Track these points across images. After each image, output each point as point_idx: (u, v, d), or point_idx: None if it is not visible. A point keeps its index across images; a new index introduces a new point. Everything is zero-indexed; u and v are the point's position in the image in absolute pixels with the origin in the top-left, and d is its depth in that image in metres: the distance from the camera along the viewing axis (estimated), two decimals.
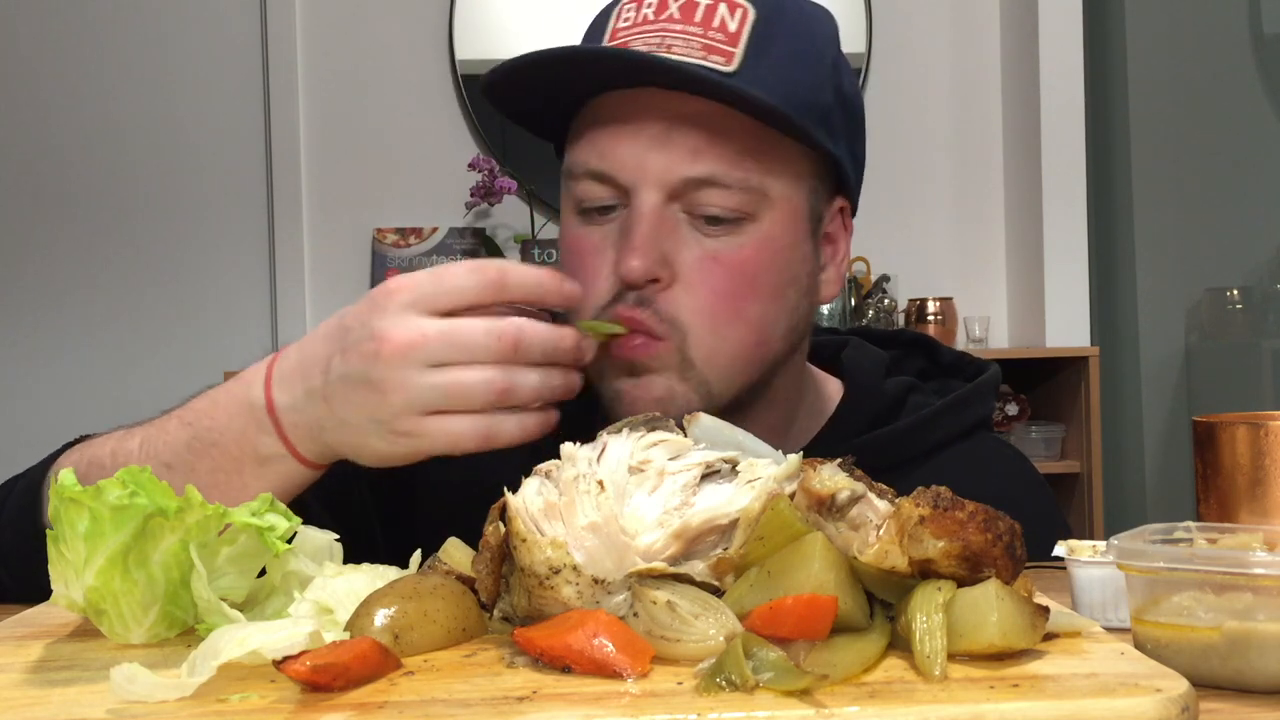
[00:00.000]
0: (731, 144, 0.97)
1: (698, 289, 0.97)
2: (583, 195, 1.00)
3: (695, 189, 0.97)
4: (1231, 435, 0.87)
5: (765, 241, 0.99)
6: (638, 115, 0.97)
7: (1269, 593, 0.67)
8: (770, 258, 1.00)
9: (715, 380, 0.99)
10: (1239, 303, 3.22)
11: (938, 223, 3.43)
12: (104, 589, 0.75)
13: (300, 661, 0.62)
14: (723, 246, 0.98)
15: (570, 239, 1.02)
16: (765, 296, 1.00)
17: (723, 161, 0.97)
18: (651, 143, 0.96)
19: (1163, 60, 3.30)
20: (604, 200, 0.99)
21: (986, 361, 1.21)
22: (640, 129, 0.97)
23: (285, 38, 3.33)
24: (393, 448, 0.87)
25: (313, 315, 3.35)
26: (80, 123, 3.35)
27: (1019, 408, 3.13)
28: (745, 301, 0.99)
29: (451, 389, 0.84)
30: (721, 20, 0.98)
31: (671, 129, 0.96)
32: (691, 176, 0.96)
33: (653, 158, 0.96)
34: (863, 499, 0.70)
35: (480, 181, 3.13)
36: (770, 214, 0.99)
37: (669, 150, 0.96)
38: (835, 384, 1.17)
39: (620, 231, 0.98)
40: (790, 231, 1.01)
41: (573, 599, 0.70)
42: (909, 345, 1.25)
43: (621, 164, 0.97)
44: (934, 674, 0.62)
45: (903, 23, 3.41)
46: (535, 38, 3.33)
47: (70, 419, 3.31)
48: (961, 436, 1.14)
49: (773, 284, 1.01)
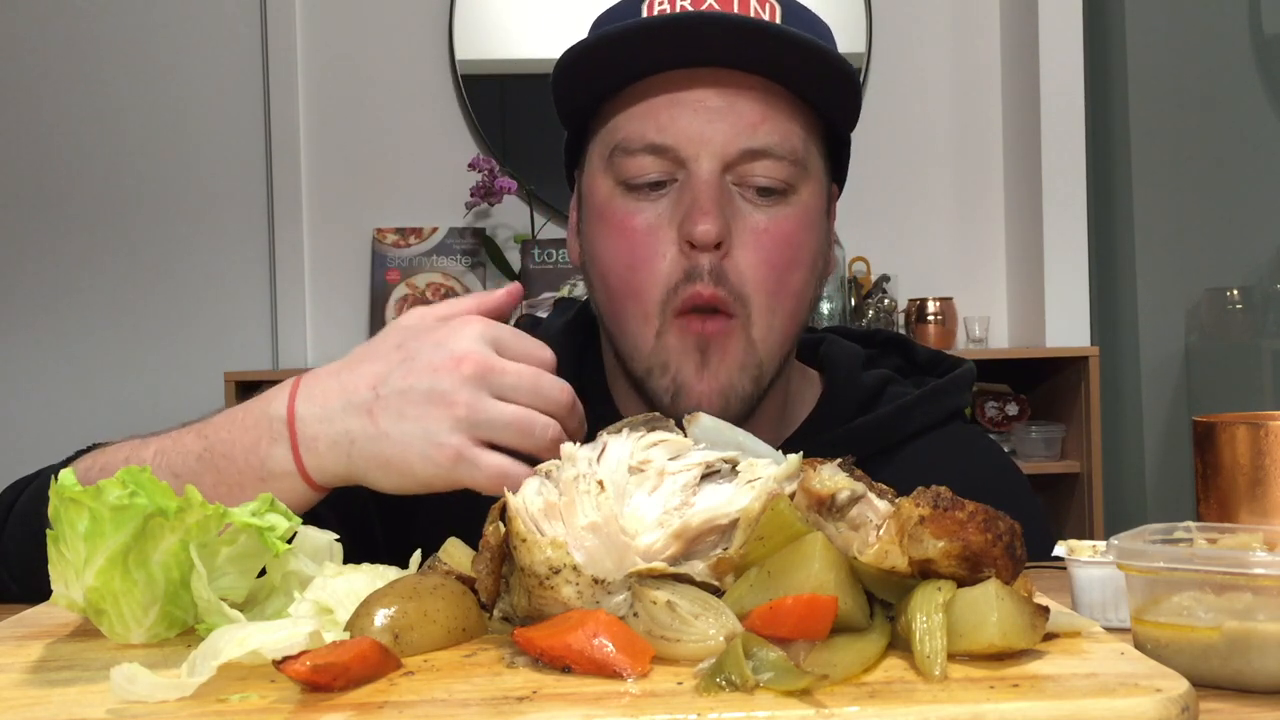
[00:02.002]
0: (783, 117, 1.03)
1: (753, 260, 1.02)
2: (635, 170, 1.03)
3: (750, 160, 1.02)
4: (1231, 435, 0.87)
5: (805, 212, 1.05)
6: (696, 88, 1.02)
7: (1269, 593, 0.67)
8: (809, 228, 1.06)
9: (766, 358, 1.04)
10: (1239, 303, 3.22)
11: (938, 223, 3.43)
12: (104, 589, 0.75)
13: (300, 661, 0.62)
14: (771, 218, 1.03)
15: (621, 216, 1.04)
16: (805, 266, 1.06)
17: (777, 132, 1.02)
18: (711, 114, 1.01)
19: (1163, 60, 3.30)
20: (655, 175, 1.03)
21: (961, 359, 1.25)
22: (699, 101, 1.02)
23: (285, 38, 3.33)
24: (432, 468, 0.86)
25: (313, 315, 3.35)
26: (80, 123, 3.34)
27: (1019, 408, 3.13)
28: (792, 272, 1.04)
29: (519, 422, 0.86)
30: (755, 11, 1.04)
31: (731, 101, 1.01)
32: (749, 147, 1.01)
33: (713, 129, 1.01)
34: (863, 499, 0.70)
35: (480, 181, 3.13)
36: (807, 186, 1.05)
37: (729, 122, 1.01)
38: (814, 376, 1.22)
39: (679, 204, 1.02)
40: (820, 204, 1.08)
41: (573, 599, 0.70)
42: (885, 344, 1.29)
43: (683, 136, 1.01)
44: (934, 674, 0.62)
45: (903, 23, 3.41)
46: (535, 37, 3.33)
47: (70, 419, 3.31)
48: (938, 425, 1.17)
49: (810, 255, 1.07)
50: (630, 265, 1.03)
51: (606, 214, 1.05)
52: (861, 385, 1.18)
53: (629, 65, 1.03)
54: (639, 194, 1.03)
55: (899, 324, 3.26)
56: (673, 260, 1.01)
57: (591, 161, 1.08)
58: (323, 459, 0.89)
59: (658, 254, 1.02)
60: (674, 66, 1.02)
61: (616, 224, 1.04)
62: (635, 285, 1.03)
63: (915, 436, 1.16)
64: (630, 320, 1.04)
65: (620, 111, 1.05)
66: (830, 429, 1.14)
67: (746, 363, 1.03)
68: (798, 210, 1.04)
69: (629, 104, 1.04)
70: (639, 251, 1.02)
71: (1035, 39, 3.17)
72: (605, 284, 1.06)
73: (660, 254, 1.02)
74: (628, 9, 1.07)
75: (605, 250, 1.05)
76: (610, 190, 1.05)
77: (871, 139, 3.36)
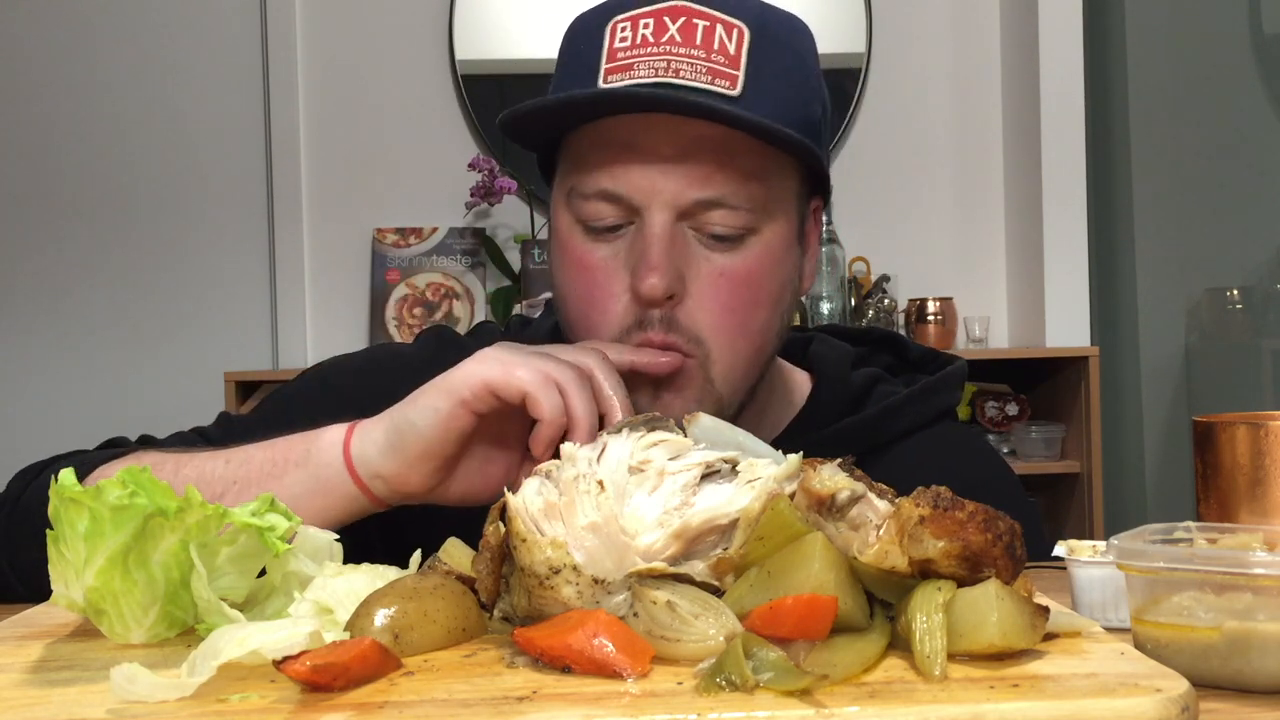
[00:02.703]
0: (738, 167, 1.00)
1: (710, 305, 1.01)
2: (591, 214, 1.02)
3: (704, 210, 1.00)
4: (1231, 435, 0.87)
5: (766, 253, 1.03)
6: (649, 139, 1.00)
7: (1269, 593, 0.67)
8: (771, 267, 1.04)
9: (728, 393, 1.04)
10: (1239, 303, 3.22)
11: (938, 223, 3.43)
12: (104, 589, 0.75)
13: (300, 661, 0.62)
14: (729, 261, 1.02)
15: (578, 254, 1.04)
16: (767, 304, 1.05)
17: (730, 184, 1.00)
18: (665, 166, 1.00)
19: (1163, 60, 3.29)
20: (612, 219, 1.02)
21: (953, 356, 1.25)
22: (653, 153, 1.00)
23: (285, 38, 3.33)
24: (478, 380, 0.90)
25: (313, 315, 3.36)
26: (80, 123, 3.34)
27: (1019, 408, 3.13)
28: (752, 312, 1.03)
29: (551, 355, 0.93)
30: (721, 42, 1.01)
31: (683, 154, 1.00)
32: (702, 199, 1.00)
33: (665, 181, 1.00)
34: (863, 499, 0.70)
35: (480, 181, 3.13)
36: (769, 226, 1.03)
37: (681, 174, 1.00)
38: (803, 376, 1.21)
39: (633, 250, 1.01)
40: (785, 240, 1.06)
41: (573, 599, 0.70)
42: (878, 342, 1.29)
43: (635, 187, 1.00)
44: (934, 674, 0.62)
45: (903, 23, 3.41)
46: (535, 37, 3.33)
47: (70, 419, 3.31)
48: (927, 424, 1.17)
49: (773, 291, 1.05)
50: (586, 301, 1.04)
51: (567, 247, 1.05)
52: (850, 385, 1.18)
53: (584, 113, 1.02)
54: (596, 235, 1.03)
55: (899, 324, 3.26)
56: (626, 305, 1.01)
57: (556, 190, 1.09)
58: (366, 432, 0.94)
59: (612, 295, 1.02)
60: (629, 111, 1.01)
61: (575, 260, 1.04)
62: (590, 321, 1.03)
63: (904, 436, 1.16)
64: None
65: (578, 150, 1.04)
66: (818, 429, 1.14)
67: (704, 397, 1.02)
68: (758, 251, 1.03)
69: (587, 146, 1.03)
70: (594, 291, 1.03)
71: (1035, 39, 3.17)
72: (564, 311, 1.08)
73: (614, 295, 1.02)
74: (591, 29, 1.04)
75: (563, 282, 1.06)
76: (570, 225, 1.05)
77: (871, 139, 3.36)
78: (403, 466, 0.92)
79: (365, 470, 0.93)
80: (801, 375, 1.21)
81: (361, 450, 0.94)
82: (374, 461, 0.93)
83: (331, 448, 0.95)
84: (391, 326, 3.26)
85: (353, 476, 0.93)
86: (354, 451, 0.94)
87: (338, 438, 0.95)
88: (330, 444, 0.95)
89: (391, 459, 0.92)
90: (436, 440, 0.91)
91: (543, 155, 1.11)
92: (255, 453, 0.98)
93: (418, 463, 0.92)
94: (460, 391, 0.90)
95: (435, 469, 0.93)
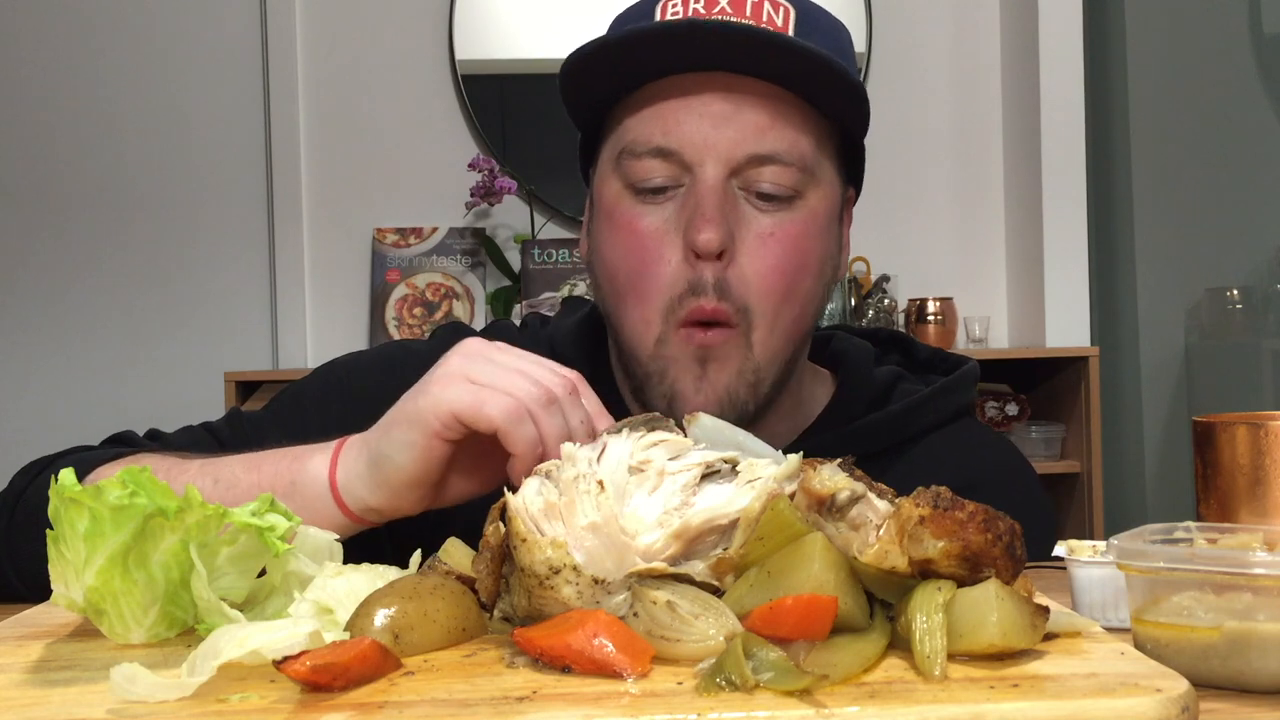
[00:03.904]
0: (791, 123, 1.02)
1: (759, 266, 1.02)
2: (642, 173, 1.03)
3: (756, 165, 1.01)
4: (1231, 435, 0.87)
5: (812, 218, 1.05)
6: (703, 93, 1.01)
7: (1269, 593, 0.67)
8: (816, 234, 1.05)
9: (765, 363, 1.04)
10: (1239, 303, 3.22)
11: (938, 223, 3.43)
12: (104, 589, 0.75)
13: (300, 661, 0.62)
14: (777, 223, 1.03)
15: (628, 218, 1.04)
16: (812, 273, 1.06)
17: (784, 139, 1.02)
18: (717, 120, 1.01)
19: (1163, 60, 3.29)
20: (661, 179, 1.03)
21: (963, 357, 1.25)
22: (706, 106, 1.01)
23: (285, 38, 3.33)
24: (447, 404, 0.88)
25: (313, 315, 3.35)
26: (80, 122, 3.34)
27: (1019, 408, 3.13)
28: (798, 278, 1.04)
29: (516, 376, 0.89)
30: (769, 16, 1.03)
31: (737, 107, 1.01)
32: (756, 153, 1.01)
33: (719, 134, 1.01)
34: (863, 499, 0.70)
35: (480, 181, 3.13)
36: (816, 192, 1.05)
37: (735, 127, 1.01)
38: (825, 373, 1.22)
39: (684, 210, 1.02)
40: (829, 210, 1.07)
41: (573, 599, 0.70)
42: (886, 342, 1.30)
43: (688, 141, 1.01)
44: (934, 674, 0.62)
45: (903, 23, 3.41)
46: (535, 38, 3.33)
47: (70, 418, 3.31)
48: (949, 421, 1.18)
49: (817, 261, 1.06)
50: (635, 268, 1.03)
51: (614, 215, 1.05)
52: (873, 382, 1.18)
53: (638, 68, 1.03)
54: (645, 197, 1.03)
55: (899, 324, 3.26)
56: (677, 267, 1.01)
57: (602, 162, 1.09)
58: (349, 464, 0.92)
59: (663, 259, 1.02)
60: (682, 70, 1.02)
61: (623, 226, 1.04)
62: (640, 289, 1.03)
63: (927, 433, 1.16)
64: (633, 322, 1.05)
65: (630, 114, 1.05)
66: (844, 425, 1.14)
67: (744, 368, 1.03)
68: (805, 215, 1.04)
69: (639, 107, 1.04)
70: (644, 255, 1.02)
71: (1035, 39, 3.17)
72: (611, 284, 1.06)
73: (665, 259, 1.02)
74: (642, 10, 1.07)
75: (611, 251, 1.06)
76: (618, 192, 1.05)
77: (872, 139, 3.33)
78: (391, 497, 0.91)
79: (355, 504, 0.92)
80: (824, 372, 1.22)
81: (348, 483, 0.92)
82: (362, 495, 0.92)
83: (316, 482, 0.93)
84: (391, 326, 3.26)
85: (342, 509, 0.92)
86: (341, 486, 0.92)
87: (322, 471, 0.93)
88: (315, 478, 0.93)
89: (379, 493, 0.91)
90: (418, 472, 0.90)
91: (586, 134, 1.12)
92: (241, 476, 0.96)
93: (405, 491, 0.91)
94: (430, 424, 0.87)
95: (424, 494, 0.92)
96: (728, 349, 1.02)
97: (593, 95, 1.07)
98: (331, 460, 0.93)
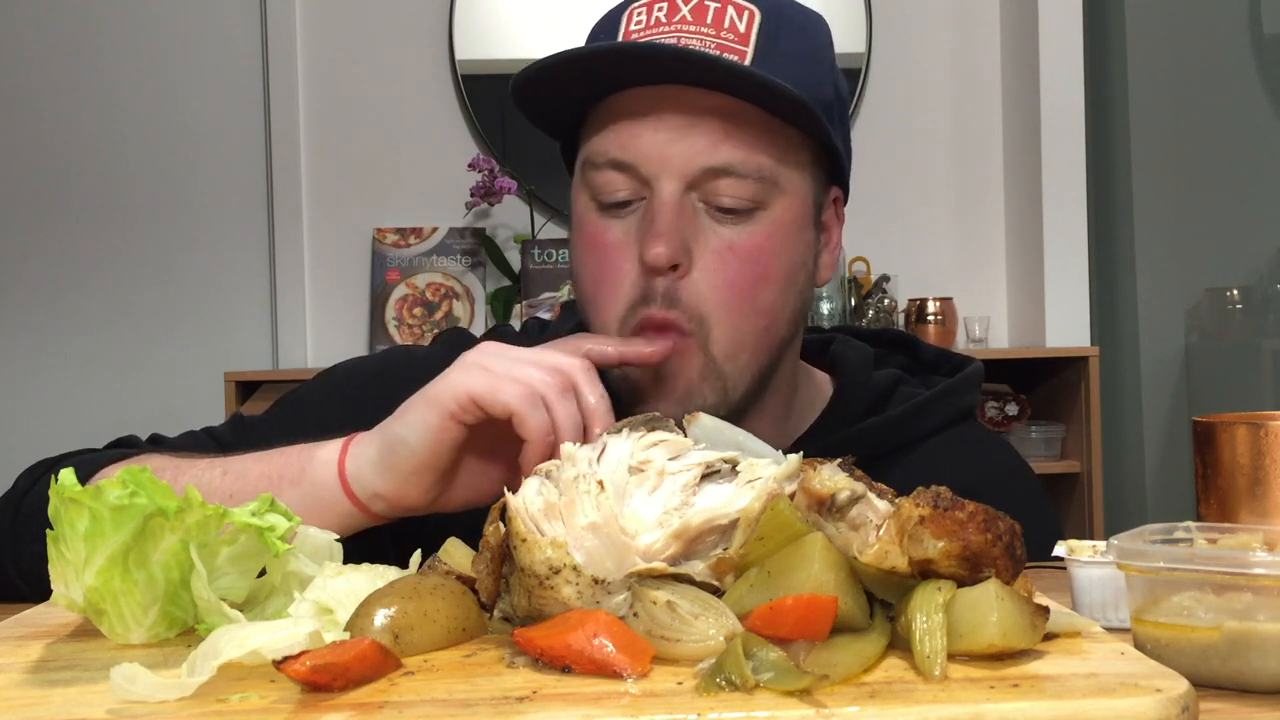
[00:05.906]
0: (747, 135, 1.01)
1: (715, 279, 1.02)
2: (602, 186, 1.03)
3: (713, 179, 1.01)
4: (1231, 435, 0.87)
5: (776, 229, 1.04)
6: (658, 109, 1.01)
7: (1269, 593, 0.67)
8: (780, 244, 1.04)
9: (731, 373, 1.04)
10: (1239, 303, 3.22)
11: (938, 223, 3.43)
12: (104, 589, 0.75)
13: (300, 661, 0.62)
14: (737, 235, 1.02)
15: (591, 231, 1.05)
16: (776, 283, 1.05)
17: (739, 151, 1.01)
18: (673, 134, 1.01)
19: (1163, 60, 3.29)
20: (623, 193, 1.03)
21: (968, 357, 1.25)
22: (661, 121, 1.01)
23: (285, 38, 3.33)
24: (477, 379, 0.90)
25: (313, 315, 3.35)
26: (80, 122, 3.34)
27: (1019, 408, 3.13)
28: (759, 290, 1.04)
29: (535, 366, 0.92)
30: (731, 21, 1.03)
31: (692, 121, 1.01)
32: (710, 166, 1.01)
33: (674, 148, 1.01)
34: (863, 499, 0.70)
35: (480, 181, 3.13)
36: (780, 202, 1.04)
37: (689, 141, 1.01)
38: (824, 377, 1.22)
39: (641, 222, 1.02)
40: (797, 218, 1.06)
41: (573, 599, 0.70)
42: (891, 343, 1.29)
43: (644, 155, 1.01)
44: (934, 674, 0.62)
45: (903, 23, 3.41)
46: (535, 38, 3.33)
47: (70, 419, 3.31)
48: (950, 424, 1.18)
49: (783, 270, 1.05)
50: (596, 280, 1.05)
51: (582, 227, 1.07)
52: (872, 385, 1.18)
53: (593, 83, 1.03)
54: (609, 211, 1.04)
55: (899, 324, 3.26)
56: (633, 281, 1.02)
57: (575, 174, 1.10)
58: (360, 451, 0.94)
59: (621, 271, 1.03)
60: (639, 84, 1.02)
61: (588, 239, 1.06)
62: (599, 300, 1.04)
63: (928, 436, 1.16)
64: (595, 329, 1.06)
65: (592, 126, 1.06)
66: (842, 429, 1.14)
67: (706, 373, 1.03)
68: (767, 227, 1.03)
69: (602, 119, 1.04)
70: (604, 268, 1.04)
71: (1035, 39, 3.17)
72: (580, 292, 1.09)
73: (623, 271, 1.03)
74: (609, 21, 1.07)
75: (578, 263, 1.07)
76: (585, 205, 1.06)
77: (872, 139, 3.35)
78: (399, 483, 0.92)
79: (362, 490, 0.93)
80: (823, 376, 1.22)
81: (356, 469, 0.93)
82: (370, 480, 0.92)
83: (326, 467, 0.94)
84: (391, 326, 3.26)
85: (349, 496, 0.93)
86: (349, 471, 0.93)
87: (332, 457, 0.95)
88: (324, 463, 0.94)
89: (387, 477, 0.92)
90: (429, 454, 0.91)
91: (564, 145, 1.13)
92: (252, 466, 0.97)
93: (414, 478, 0.92)
94: (447, 404, 0.89)
95: (432, 482, 0.92)
96: (682, 358, 1.02)
97: (553, 109, 1.08)
98: (343, 448, 0.95)
